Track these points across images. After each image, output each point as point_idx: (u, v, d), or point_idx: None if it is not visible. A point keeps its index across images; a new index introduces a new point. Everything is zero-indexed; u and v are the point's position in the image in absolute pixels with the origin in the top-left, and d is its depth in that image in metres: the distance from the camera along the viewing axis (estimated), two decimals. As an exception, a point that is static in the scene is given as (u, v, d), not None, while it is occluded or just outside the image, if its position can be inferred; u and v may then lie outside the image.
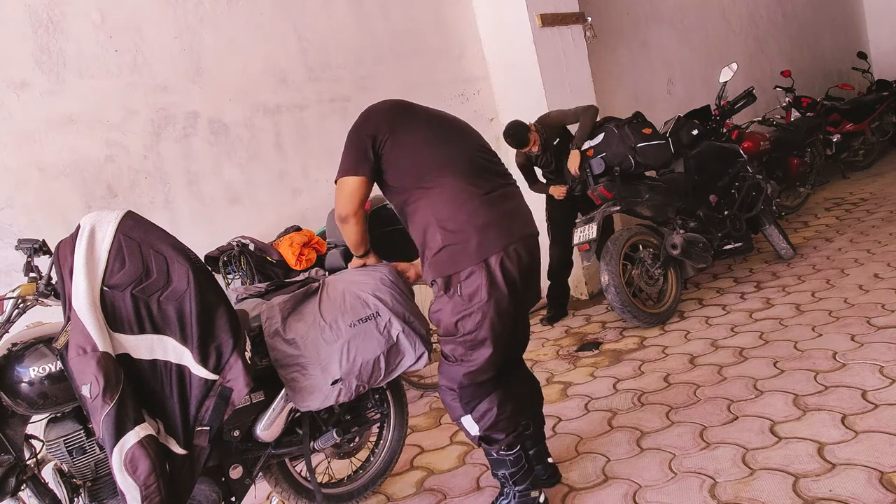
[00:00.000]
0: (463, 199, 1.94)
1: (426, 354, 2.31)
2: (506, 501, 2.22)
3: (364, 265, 2.34)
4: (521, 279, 1.98)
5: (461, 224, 1.91)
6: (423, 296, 3.61)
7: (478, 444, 2.13)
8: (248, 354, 1.97)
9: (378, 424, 2.65)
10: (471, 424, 2.08)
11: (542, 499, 2.22)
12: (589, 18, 4.91)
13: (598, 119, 4.19)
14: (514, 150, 4.26)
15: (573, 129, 4.18)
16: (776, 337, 3.36)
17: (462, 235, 1.91)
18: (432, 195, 1.95)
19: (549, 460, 2.40)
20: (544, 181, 4.42)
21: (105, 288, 1.84)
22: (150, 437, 1.78)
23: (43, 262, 1.99)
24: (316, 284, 2.30)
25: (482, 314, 1.94)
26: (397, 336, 2.24)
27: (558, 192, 4.22)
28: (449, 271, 1.93)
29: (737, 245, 4.40)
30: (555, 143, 4.22)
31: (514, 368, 2.24)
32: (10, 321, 1.93)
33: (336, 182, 2.06)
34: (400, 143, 1.98)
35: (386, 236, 2.73)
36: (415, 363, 2.30)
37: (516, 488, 2.16)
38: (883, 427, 2.31)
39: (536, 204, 4.63)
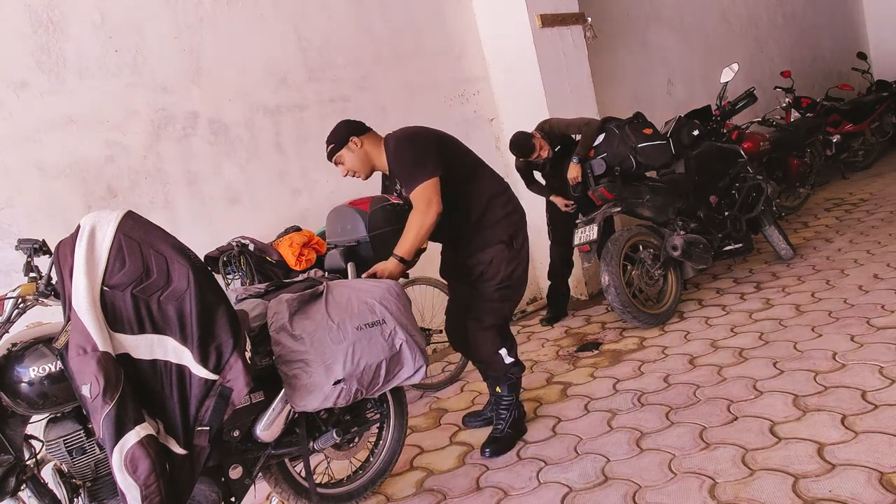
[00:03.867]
0: (500, 189, 2.80)
1: (423, 369, 2.35)
2: (503, 422, 2.82)
3: (391, 272, 2.55)
4: None
5: (507, 203, 2.78)
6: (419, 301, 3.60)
7: (508, 371, 2.81)
8: (248, 354, 1.97)
9: (377, 425, 2.65)
10: (506, 354, 2.80)
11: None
12: (589, 19, 4.91)
13: (598, 119, 4.21)
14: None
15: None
16: (776, 337, 3.36)
17: (512, 210, 2.78)
18: (482, 183, 2.75)
19: None
20: (543, 183, 4.43)
21: (105, 288, 1.84)
22: (151, 437, 1.78)
23: (43, 262, 1.99)
24: (321, 287, 2.30)
25: (526, 261, 2.83)
26: (400, 345, 2.28)
27: (561, 202, 4.24)
28: (511, 231, 2.75)
29: (737, 246, 4.40)
30: (556, 149, 4.23)
31: None
32: (10, 321, 1.92)
33: (419, 186, 2.54)
34: (450, 149, 2.70)
35: (384, 237, 2.72)
36: (412, 376, 2.33)
37: (518, 406, 2.89)
38: (883, 427, 2.31)
39: (534, 203, 4.64)
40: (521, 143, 4.09)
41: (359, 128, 2.75)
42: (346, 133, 2.71)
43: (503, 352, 2.80)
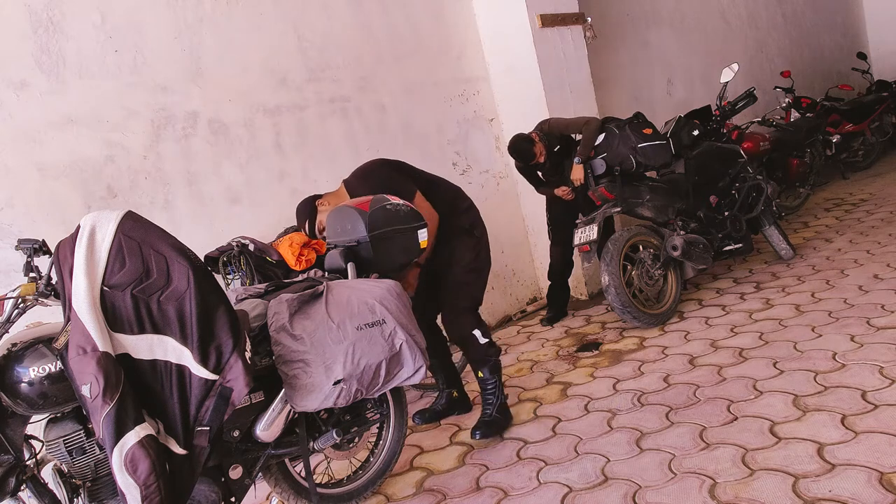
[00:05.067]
0: (456, 189, 3.12)
1: (423, 369, 2.34)
2: (491, 406, 2.97)
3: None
4: None
5: (465, 200, 3.09)
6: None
7: (486, 352, 2.96)
8: (248, 354, 1.97)
9: (377, 425, 2.65)
10: (480, 335, 2.95)
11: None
12: (589, 19, 4.91)
13: (598, 118, 4.20)
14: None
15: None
16: (776, 337, 3.36)
17: (469, 205, 3.08)
18: (441, 187, 3.06)
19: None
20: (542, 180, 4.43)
21: (105, 288, 1.84)
22: (150, 437, 1.78)
23: (43, 262, 1.99)
24: (321, 287, 2.30)
25: (487, 245, 3.07)
26: (400, 346, 2.28)
27: (563, 192, 4.21)
28: (471, 220, 3.03)
29: (737, 246, 4.40)
30: (555, 149, 4.23)
31: None
32: (10, 321, 1.92)
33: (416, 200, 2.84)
34: (406, 169, 3.03)
35: (384, 237, 2.72)
36: (412, 376, 2.33)
37: (502, 391, 3.03)
38: (883, 427, 2.31)
39: (535, 203, 4.64)
40: (520, 149, 4.10)
41: (314, 196, 3.01)
42: (310, 204, 2.95)
43: (477, 333, 2.95)
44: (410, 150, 4.35)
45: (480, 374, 3.00)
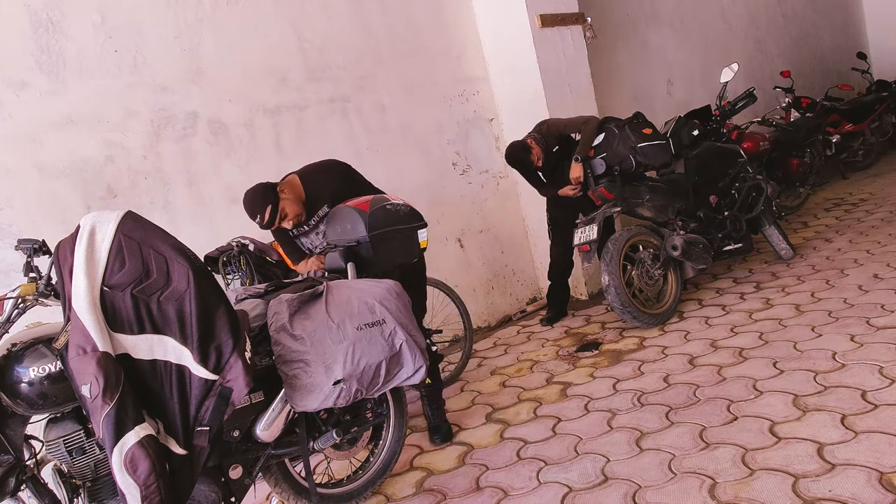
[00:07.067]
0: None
1: (423, 369, 2.35)
2: (440, 409, 3.07)
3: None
4: None
5: None
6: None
7: (433, 359, 3.03)
8: (248, 354, 1.98)
9: (377, 424, 2.65)
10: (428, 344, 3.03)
11: None
12: (589, 19, 4.91)
13: (597, 117, 4.20)
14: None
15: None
16: (776, 337, 3.36)
17: None
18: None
19: None
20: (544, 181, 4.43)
21: (105, 288, 1.84)
22: (150, 437, 1.78)
23: (43, 262, 1.99)
24: (321, 287, 2.31)
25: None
26: (400, 345, 2.28)
27: (568, 191, 4.19)
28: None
29: (737, 246, 4.40)
30: (554, 149, 4.22)
31: None
32: (10, 321, 1.93)
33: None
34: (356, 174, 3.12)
35: (384, 237, 2.73)
36: (412, 376, 2.34)
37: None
38: (883, 427, 2.31)
39: (535, 203, 4.64)
40: (517, 158, 4.12)
41: (267, 182, 2.85)
42: (271, 190, 2.78)
43: (427, 342, 2.98)
44: (410, 150, 4.35)
45: (428, 381, 3.02)
